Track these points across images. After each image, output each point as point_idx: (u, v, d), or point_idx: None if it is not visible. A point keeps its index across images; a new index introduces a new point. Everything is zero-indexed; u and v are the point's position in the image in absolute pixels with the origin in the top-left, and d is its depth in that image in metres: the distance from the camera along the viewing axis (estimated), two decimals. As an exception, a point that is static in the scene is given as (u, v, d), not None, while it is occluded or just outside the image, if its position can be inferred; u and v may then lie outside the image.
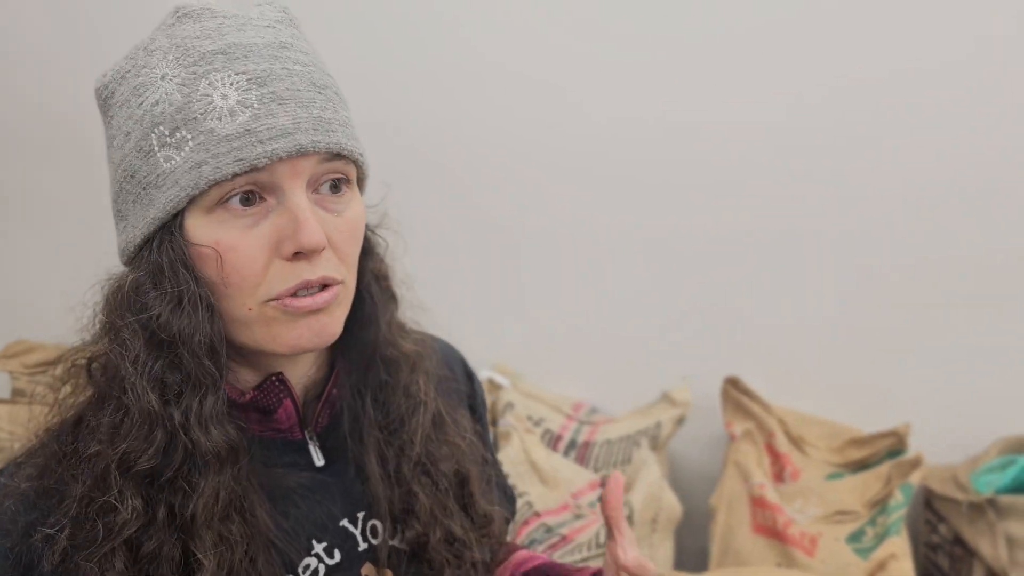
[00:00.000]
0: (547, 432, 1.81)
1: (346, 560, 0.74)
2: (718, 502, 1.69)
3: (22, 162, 2.08)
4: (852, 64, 1.69)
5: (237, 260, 0.65)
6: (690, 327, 1.87)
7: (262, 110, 0.64)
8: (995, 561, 1.56)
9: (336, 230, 0.68)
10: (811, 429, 1.81)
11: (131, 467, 0.64)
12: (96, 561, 0.63)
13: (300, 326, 0.67)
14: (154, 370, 0.65)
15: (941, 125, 1.69)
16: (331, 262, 0.68)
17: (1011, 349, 1.76)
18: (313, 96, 0.66)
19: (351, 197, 0.70)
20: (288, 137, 0.64)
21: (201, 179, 0.63)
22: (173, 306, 0.65)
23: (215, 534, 0.65)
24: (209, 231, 0.65)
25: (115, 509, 0.63)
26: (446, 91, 1.84)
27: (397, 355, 0.79)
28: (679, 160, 1.79)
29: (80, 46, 1.95)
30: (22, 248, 2.13)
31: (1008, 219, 1.71)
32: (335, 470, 0.77)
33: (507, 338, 1.94)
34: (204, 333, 0.65)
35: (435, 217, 1.87)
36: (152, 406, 0.64)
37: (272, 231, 0.65)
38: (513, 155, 1.85)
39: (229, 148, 0.63)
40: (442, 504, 0.79)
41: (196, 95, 0.64)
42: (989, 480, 1.65)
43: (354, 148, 0.69)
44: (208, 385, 0.66)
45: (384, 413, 0.79)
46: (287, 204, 0.65)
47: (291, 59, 0.67)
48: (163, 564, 0.64)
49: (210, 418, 0.66)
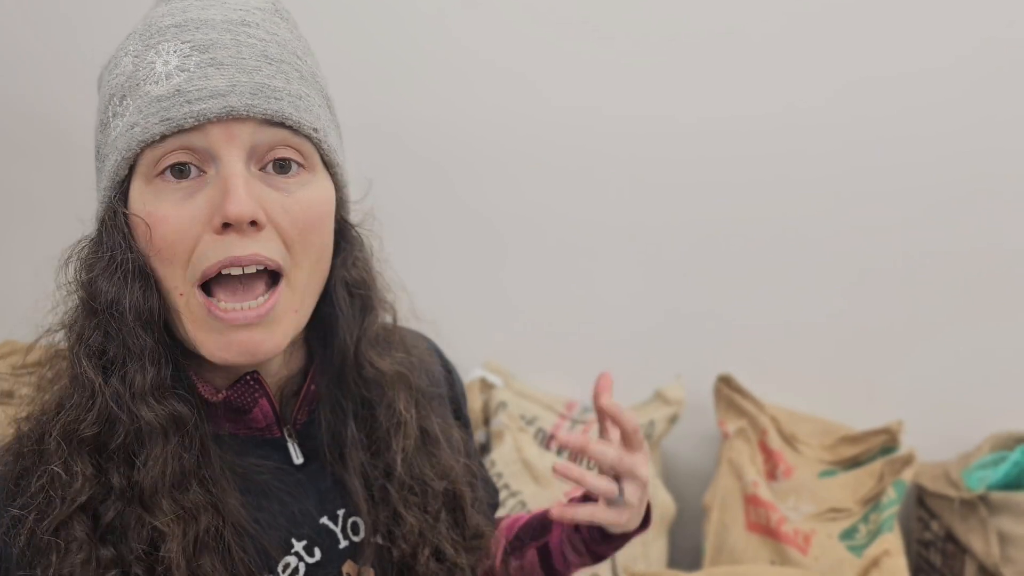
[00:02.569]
0: (540, 431, 1.80)
1: (326, 558, 0.73)
2: (711, 500, 1.69)
3: (7, 163, 2.06)
4: (848, 64, 1.69)
5: (167, 231, 0.63)
6: (683, 325, 1.87)
7: (196, 73, 0.62)
8: (987, 557, 1.57)
9: (283, 210, 0.64)
10: (804, 427, 1.81)
11: (74, 434, 0.63)
12: (55, 532, 0.62)
13: (228, 339, 0.64)
14: (92, 339, 0.65)
15: (935, 125, 1.69)
16: (273, 244, 0.64)
17: (1002, 346, 1.76)
18: (259, 65, 0.64)
19: (307, 180, 0.67)
20: (219, 98, 0.62)
21: (133, 141, 0.63)
22: (108, 273, 0.64)
23: (173, 503, 0.63)
24: (144, 202, 0.64)
25: (64, 477, 0.62)
26: (433, 88, 1.83)
27: (375, 373, 0.76)
28: (671, 158, 1.79)
29: (65, 46, 1.94)
30: (9, 248, 2.11)
31: (1000, 217, 1.71)
32: (315, 468, 0.75)
33: (499, 336, 1.94)
34: (135, 300, 0.63)
35: (424, 215, 1.87)
36: (87, 375, 0.64)
37: (205, 203, 0.63)
38: (504, 152, 1.84)
39: (158, 108, 0.62)
40: (431, 523, 0.77)
41: (142, 64, 0.64)
42: (981, 476, 1.65)
43: (302, 119, 0.65)
44: (146, 355, 0.64)
45: (368, 432, 0.76)
46: (220, 172, 0.63)
47: (247, 34, 0.65)
48: (129, 537, 0.63)
49: (151, 390, 0.64)
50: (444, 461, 0.80)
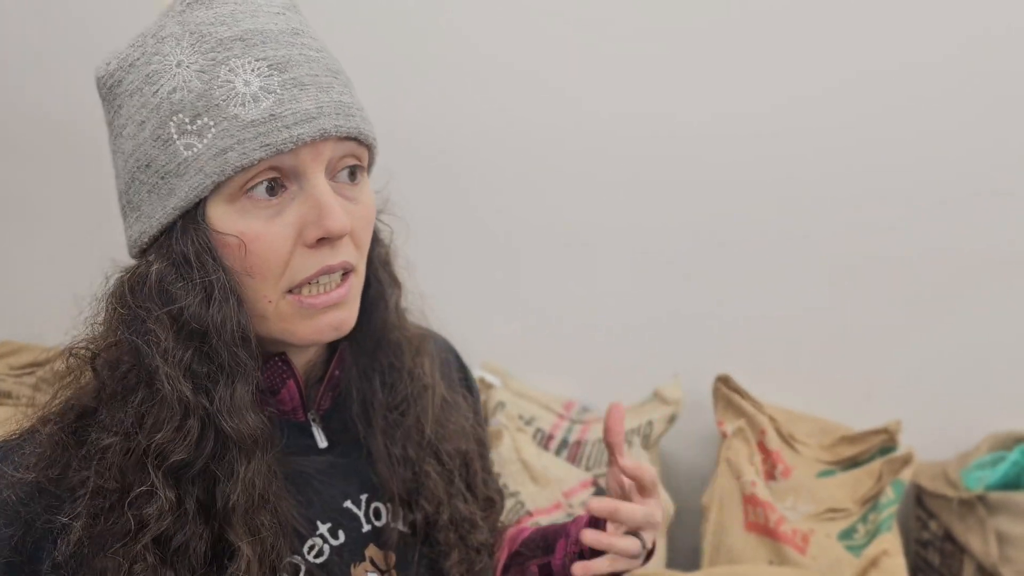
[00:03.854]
0: (538, 431, 1.80)
1: (350, 541, 0.75)
2: (710, 500, 1.68)
3: (8, 164, 2.06)
4: (841, 63, 1.69)
5: (262, 249, 0.65)
6: (681, 325, 1.87)
7: (285, 95, 0.64)
8: (985, 557, 1.57)
9: (355, 217, 0.69)
10: (802, 426, 1.81)
11: (166, 459, 0.63)
12: (125, 554, 0.62)
13: (319, 321, 0.68)
14: (184, 360, 0.65)
15: (927, 123, 1.70)
16: (349, 248, 0.69)
17: (1000, 346, 1.76)
18: (331, 81, 0.67)
19: (365, 184, 0.71)
20: (312, 122, 0.64)
21: (227, 165, 0.63)
22: (203, 296, 0.64)
23: (247, 524, 0.65)
24: (232, 220, 0.65)
25: (149, 501, 0.62)
26: (440, 86, 1.83)
27: (402, 338, 0.81)
28: (669, 158, 1.79)
29: (64, 45, 1.94)
30: (9, 249, 2.11)
31: (1000, 217, 1.71)
32: (339, 452, 0.77)
33: (497, 336, 1.93)
34: (235, 322, 0.65)
35: (422, 215, 1.85)
36: (186, 396, 0.64)
37: (296, 219, 0.65)
38: (503, 154, 1.84)
39: (255, 133, 0.63)
40: (449, 485, 0.81)
41: (217, 81, 0.64)
42: (979, 476, 1.65)
43: (370, 132, 0.70)
44: (240, 373, 0.66)
45: (392, 396, 0.80)
46: (309, 190, 0.65)
47: (306, 45, 0.67)
48: (191, 557, 0.64)
49: (243, 406, 0.66)
50: (457, 424, 0.84)
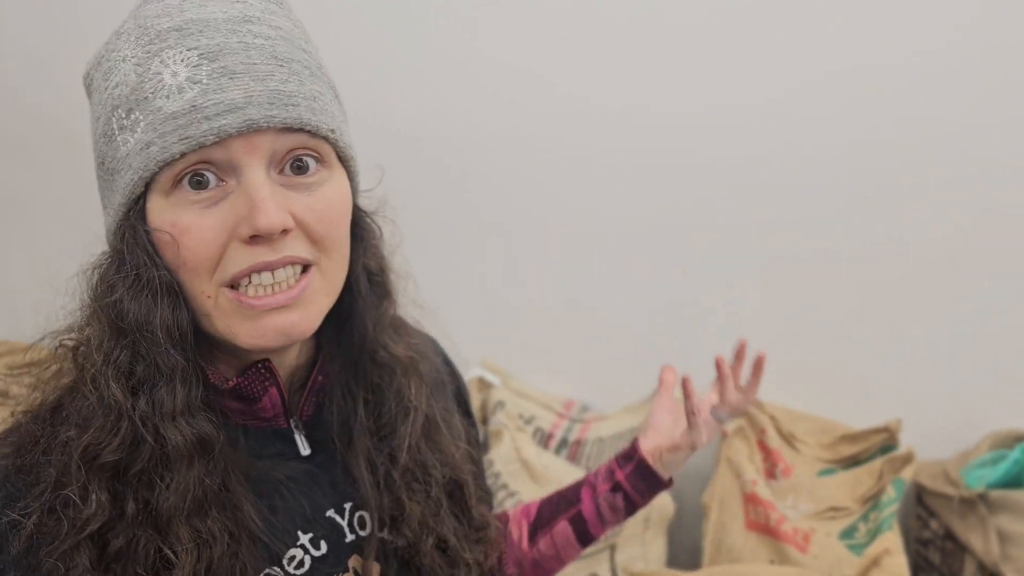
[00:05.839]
0: (538, 430, 1.80)
1: (332, 552, 0.72)
2: (710, 499, 1.68)
3: (8, 164, 2.05)
4: (836, 53, 1.69)
5: (192, 242, 0.62)
6: (680, 323, 1.87)
7: (211, 85, 0.60)
8: (986, 556, 1.57)
9: (308, 210, 0.64)
10: (802, 425, 1.81)
11: (95, 458, 0.61)
12: (59, 557, 0.60)
13: (261, 323, 0.64)
14: (120, 359, 0.63)
15: (919, 120, 1.69)
16: (301, 243, 0.64)
17: (1001, 344, 1.76)
18: (272, 69, 0.62)
19: (327, 176, 0.67)
20: (238, 112, 0.60)
21: (150, 160, 0.61)
22: (134, 292, 0.62)
23: (191, 529, 0.62)
24: (167, 214, 0.62)
25: (78, 503, 0.60)
26: (436, 80, 1.82)
27: (388, 358, 0.76)
28: (670, 156, 1.79)
29: (64, 44, 1.93)
30: (8, 249, 2.10)
31: (1001, 216, 1.71)
32: (321, 460, 0.74)
33: (497, 335, 1.93)
34: (165, 319, 0.62)
35: (423, 212, 1.86)
36: (115, 397, 0.62)
37: (230, 212, 0.62)
38: (504, 151, 1.84)
39: (175, 126, 0.60)
40: (434, 511, 0.77)
41: (148, 74, 0.61)
42: (980, 475, 1.65)
43: (319, 122, 0.64)
44: (177, 375, 0.63)
45: (375, 418, 0.76)
46: (244, 184, 0.62)
47: (253, 32, 0.63)
48: (135, 562, 0.61)
49: (180, 411, 0.63)
50: (446, 449, 0.80)
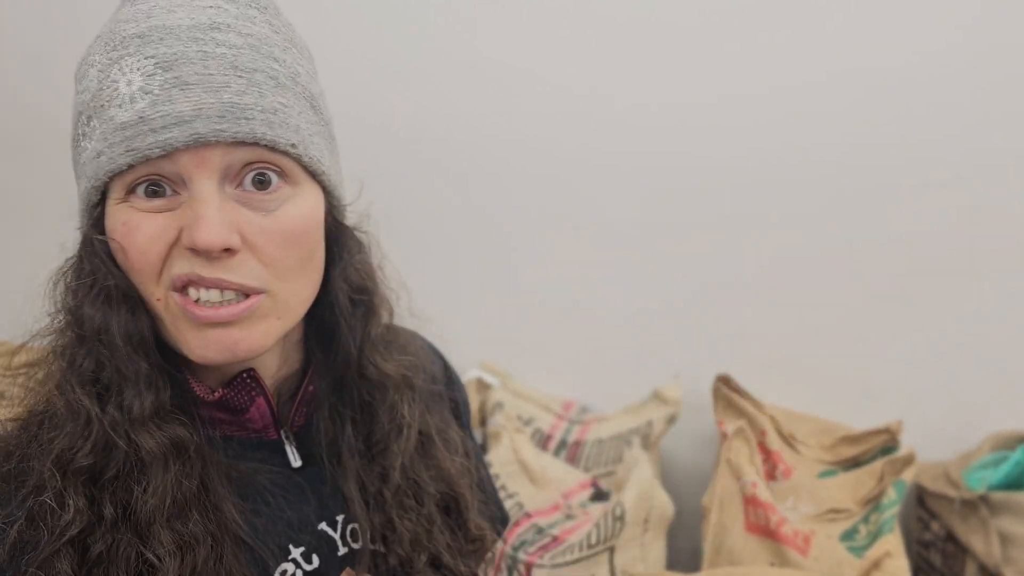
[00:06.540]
0: (537, 432, 1.79)
1: (324, 565, 0.71)
2: (710, 501, 1.67)
3: (7, 164, 2.05)
4: (837, 53, 1.68)
5: (138, 241, 0.61)
6: (680, 324, 1.86)
7: (161, 96, 0.59)
8: (988, 558, 1.56)
9: (261, 231, 0.62)
10: (803, 427, 1.80)
11: (70, 463, 0.61)
12: (40, 564, 0.59)
13: (207, 335, 0.62)
14: (84, 365, 0.62)
15: (919, 120, 1.68)
16: (248, 267, 0.62)
17: (1003, 344, 1.75)
18: (228, 80, 0.60)
19: (290, 193, 0.64)
20: (184, 125, 0.58)
21: (100, 170, 0.61)
22: (91, 298, 0.62)
23: (172, 533, 0.61)
24: (118, 219, 0.62)
25: (56, 509, 0.60)
26: (433, 81, 1.81)
27: (378, 375, 0.74)
28: (668, 157, 1.78)
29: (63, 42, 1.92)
30: (8, 249, 2.09)
31: (1003, 216, 1.70)
32: (313, 471, 0.73)
33: (495, 336, 1.92)
34: (122, 325, 0.62)
35: (421, 213, 1.85)
36: (82, 402, 0.61)
37: (174, 221, 0.61)
38: (501, 151, 1.83)
39: (122, 137, 0.59)
40: (427, 529, 0.75)
41: (107, 81, 0.61)
42: (981, 476, 1.64)
43: (277, 136, 0.61)
44: (142, 380, 0.62)
45: (366, 436, 0.74)
46: (191, 197, 0.60)
47: (216, 40, 0.60)
48: (116, 567, 0.60)
49: (150, 415, 0.62)
50: (442, 464, 0.78)
